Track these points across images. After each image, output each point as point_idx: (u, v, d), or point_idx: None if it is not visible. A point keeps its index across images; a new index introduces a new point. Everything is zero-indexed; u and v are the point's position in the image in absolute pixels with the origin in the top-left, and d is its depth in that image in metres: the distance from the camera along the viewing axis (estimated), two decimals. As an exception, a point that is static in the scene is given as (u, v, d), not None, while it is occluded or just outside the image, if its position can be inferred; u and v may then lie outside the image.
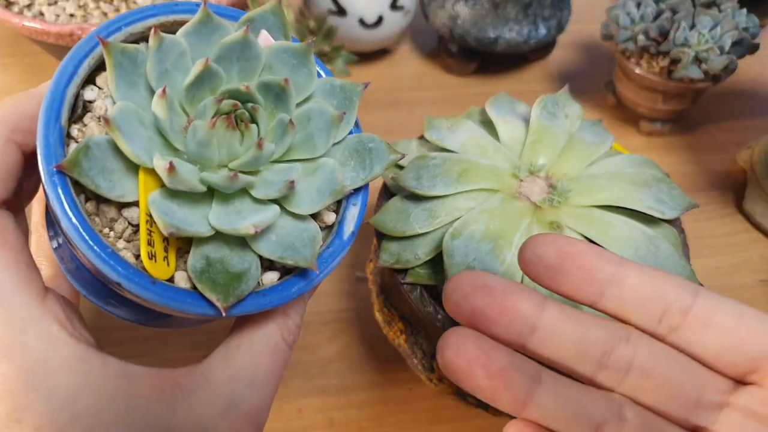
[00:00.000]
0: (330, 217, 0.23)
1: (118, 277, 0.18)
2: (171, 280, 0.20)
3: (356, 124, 0.24)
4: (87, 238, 0.18)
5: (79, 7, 0.53)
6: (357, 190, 0.24)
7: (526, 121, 0.36)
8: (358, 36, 0.63)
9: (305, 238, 0.21)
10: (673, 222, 0.33)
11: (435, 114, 0.37)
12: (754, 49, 0.53)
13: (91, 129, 0.20)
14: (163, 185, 0.20)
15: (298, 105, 0.23)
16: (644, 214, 0.31)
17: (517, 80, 0.68)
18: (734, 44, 0.52)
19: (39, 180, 0.20)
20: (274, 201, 0.21)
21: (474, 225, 0.30)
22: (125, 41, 0.21)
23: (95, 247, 0.18)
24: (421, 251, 0.30)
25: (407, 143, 0.36)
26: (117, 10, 0.53)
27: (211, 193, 0.21)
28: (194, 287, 0.20)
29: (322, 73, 0.24)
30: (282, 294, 0.21)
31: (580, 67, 0.71)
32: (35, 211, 0.25)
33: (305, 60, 0.22)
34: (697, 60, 0.52)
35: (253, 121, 0.21)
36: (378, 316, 0.37)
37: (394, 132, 0.61)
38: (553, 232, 0.30)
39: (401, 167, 0.33)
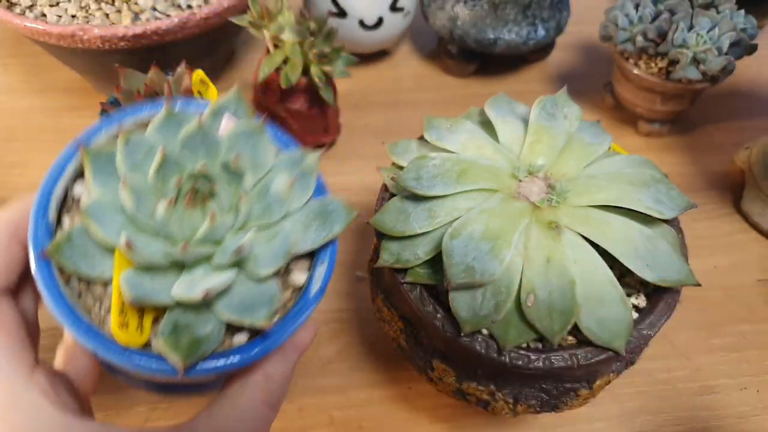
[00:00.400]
0: (301, 279, 0.25)
1: (93, 347, 0.21)
2: (148, 345, 0.22)
3: (322, 187, 0.26)
4: (66, 313, 0.21)
5: (81, 8, 0.53)
6: (325, 248, 0.25)
7: (525, 121, 0.36)
8: (359, 37, 0.63)
9: (263, 299, 0.23)
10: (672, 222, 0.33)
11: (435, 115, 0.37)
12: (752, 50, 0.53)
13: (77, 220, 0.23)
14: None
15: (263, 177, 0.25)
16: (643, 214, 0.31)
17: (516, 81, 0.69)
18: (732, 45, 0.52)
19: None
20: (235, 265, 0.23)
21: (473, 225, 0.30)
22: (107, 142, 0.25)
23: (71, 322, 0.21)
24: (421, 251, 0.31)
25: (407, 143, 0.36)
26: (118, 11, 0.53)
27: (180, 266, 0.23)
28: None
29: (284, 144, 0.27)
30: (244, 355, 0.22)
31: (579, 68, 0.71)
32: None
33: (261, 137, 0.25)
34: (696, 61, 0.52)
35: (213, 196, 0.24)
36: (378, 315, 0.37)
37: (394, 132, 0.61)
38: (552, 232, 0.30)
39: (401, 167, 0.33)
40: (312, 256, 0.25)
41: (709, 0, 0.54)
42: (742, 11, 0.53)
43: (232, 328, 0.23)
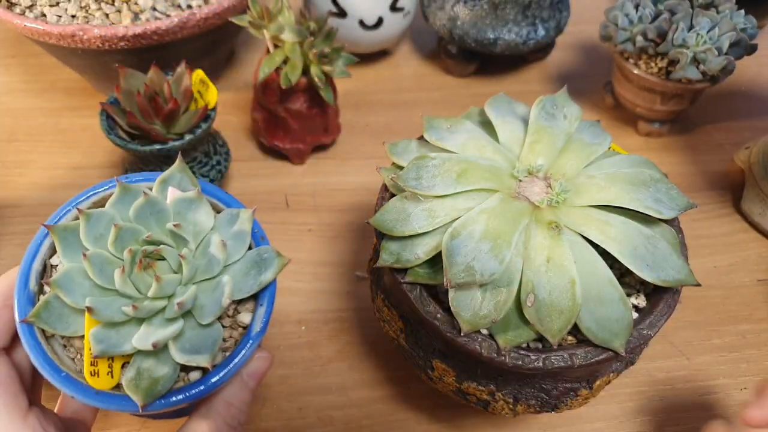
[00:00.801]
0: (246, 318, 0.28)
1: (71, 393, 0.25)
2: (119, 387, 0.26)
3: (262, 237, 0.30)
4: (47, 367, 0.25)
5: (81, 8, 0.53)
6: (264, 292, 0.29)
7: (525, 121, 0.36)
8: (359, 37, 0.63)
9: (209, 343, 0.26)
10: (671, 222, 0.33)
11: (434, 114, 0.37)
12: (752, 50, 0.53)
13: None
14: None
15: (205, 237, 0.29)
16: (642, 213, 0.31)
17: (516, 81, 0.69)
18: (732, 45, 0.52)
19: None
20: (184, 316, 0.27)
21: (473, 225, 0.30)
22: (76, 217, 0.29)
23: (53, 373, 0.25)
24: (421, 251, 0.31)
25: (407, 143, 0.36)
26: (118, 11, 0.53)
27: (141, 319, 0.27)
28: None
29: (224, 203, 0.31)
30: (197, 388, 0.26)
31: (579, 68, 0.71)
32: None
33: (200, 203, 0.29)
34: (695, 61, 0.52)
35: (163, 258, 0.28)
36: (377, 314, 0.37)
37: (394, 132, 0.61)
38: (552, 232, 0.30)
39: (401, 167, 0.33)
40: (256, 297, 0.29)
41: (709, 0, 0.54)
42: (742, 11, 0.53)
43: (187, 367, 0.27)
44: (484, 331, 0.29)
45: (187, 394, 0.26)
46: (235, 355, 0.27)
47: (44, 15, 0.52)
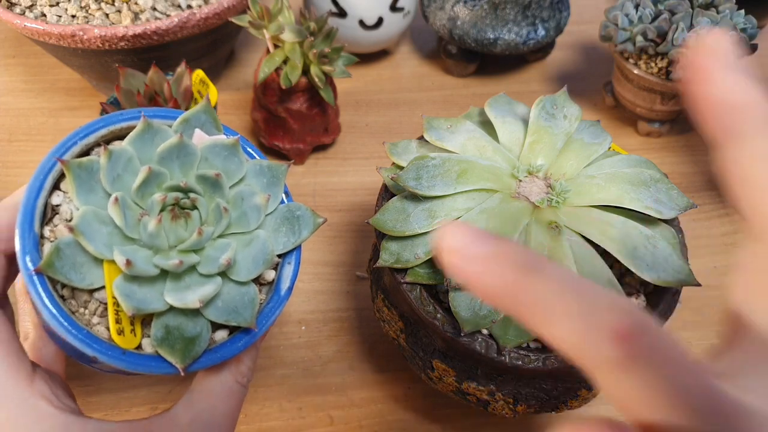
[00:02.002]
0: (270, 275, 0.27)
1: (94, 353, 0.22)
2: (139, 347, 0.24)
3: (287, 194, 0.28)
4: (66, 324, 0.22)
5: (81, 8, 0.53)
6: (292, 249, 0.27)
7: (525, 121, 0.36)
8: (359, 37, 0.63)
9: (246, 301, 0.25)
10: (672, 222, 0.33)
11: (434, 114, 0.37)
12: (752, 50, 0.53)
13: (60, 230, 0.24)
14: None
15: (233, 187, 0.27)
16: (642, 214, 0.31)
17: (516, 81, 0.69)
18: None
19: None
20: (218, 273, 0.25)
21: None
22: (83, 152, 0.25)
23: (73, 331, 0.22)
24: (421, 251, 0.31)
25: (407, 143, 0.36)
26: (118, 11, 0.53)
27: (166, 273, 0.24)
28: (158, 352, 0.23)
29: (255, 155, 0.29)
30: (230, 348, 0.25)
31: (579, 68, 0.71)
32: (19, 280, 0.27)
33: (234, 150, 0.27)
34: (695, 61, 0.52)
35: (195, 208, 0.25)
36: (377, 314, 0.37)
37: (394, 132, 0.61)
38: (552, 232, 0.30)
39: (401, 167, 0.33)
40: (281, 255, 0.27)
41: (709, 0, 0.54)
42: (742, 11, 0.53)
43: (213, 326, 0.25)
44: (484, 331, 0.29)
45: (220, 354, 0.24)
46: (270, 313, 0.26)
47: (44, 15, 0.52)
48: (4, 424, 0.22)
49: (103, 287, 0.24)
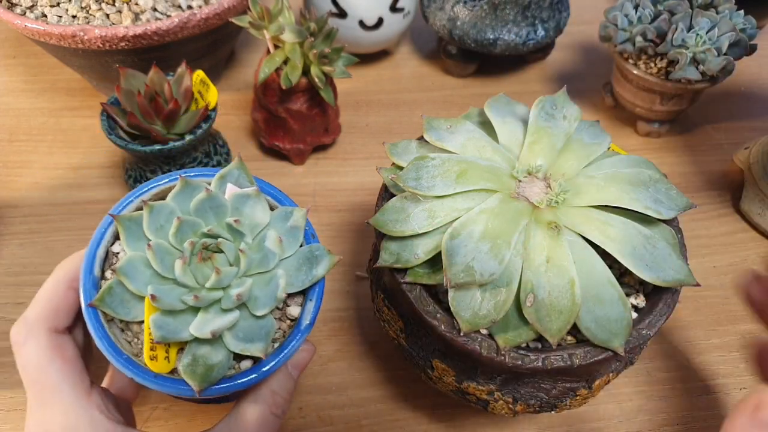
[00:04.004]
0: (296, 311, 0.30)
1: (131, 374, 0.26)
2: (174, 371, 0.27)
3: (313, 235, 0.31)
4: (109, 349, 0.27)
5: (82, 8, 0.53)
6: (314, 287, 0.30)
7: (525, 122, 0.36)
8: (359, 38, 0.63)
9: (262, 334, 0.28)
10: (671, 222, 0.33)
11: (434, 115, 0.37)
12: (751, 50, 0.53)
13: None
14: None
15: (261, 232, 0.30)
16: (642, 214, 0.31)
17: (515, 81, 0.69)
18: (732, 45, 0.52)
19: None
20: (239, 307, 0.28)
21: (473, 225, 0.30)
22: (138, 208, 0.30)
23: (115, 355, 0.26)
24: (421, 251, 0.31)
25: (407, 143, 0.36)
26: (119, 11, 0.53)
27: (197, 309, 0.28)
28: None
29: (287, 202, 0.32)
30: (248, 377, 0.27)
31: (578, 69, 0.71)
32: None
33: (258, 200, 0.30)
34: (695, 61, 0.52)
35: (221, 251, 0.29)
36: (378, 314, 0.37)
37: (394, 132, 0.61)
38: (551, 232, 0.30)
39: (401, 168, 0.33)
40: (305, 292, 0.30)
41: (708, 0, 0.54)
42: (742, 11, 0.53)
43: (239, 356, 0.28)
44: (484, 331, 0.29)
45: (240, 381, 0.27)
46: (285, 347, 0.28)
47: (45, 15, 0.52)
48: (66, 426, 0.26)
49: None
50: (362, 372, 0.43)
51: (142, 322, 0.27)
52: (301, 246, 0.31)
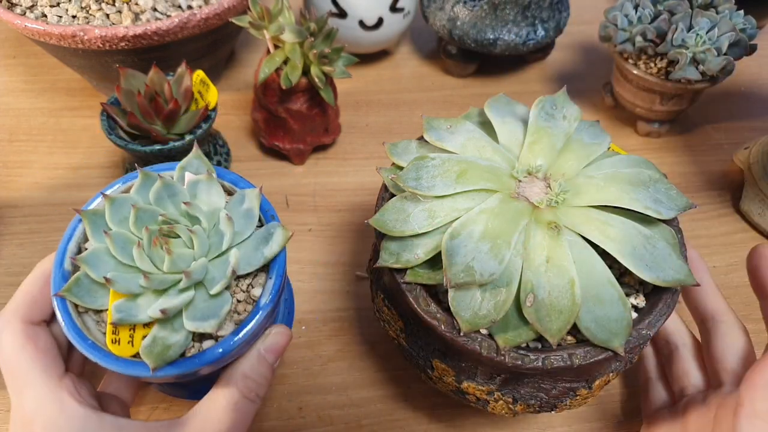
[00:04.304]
0: (258, 291, 0.30)
1: (95, 358, 0.27)
2: (137, 356, 0.27)
3: (273, 216, 0.32)
4: (75, 336, 0.28)
5: (82, 8, 0.53)
6: (274, 265, 0.30)
7: (525, 122, 0.36)
8: (359, 38, 0.63)
9: (215, 312, 0.28)
10: (671, 222, 0.33)
11: (434, 115, 0.37)
12: (751, 50, 0.53)
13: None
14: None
15: (214, 214, 0.31)
16: (642, 214, 0.31)
17: (515, 81, 0.69)
18: (731, 45, 0.52)
19: None
20: (195, 287, 0.29)
21: (473, 225, 0.30)
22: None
23: (80, 341, 0.27)
24: (421, 251, 0.31)
25: (407, 144, 0.36)
26: (119, 11, 0.53)
27: (160, 292, 0.29)
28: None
29: (236, 186, 0.33)
30: (205, 356, 0.28)
31: (578, 69, 0.71)
32: None
33: (211, 184, 0.31)
34: (695, 61, 0.52)
35: (176, 235, 0.30)
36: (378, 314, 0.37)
37: (394, 132, 0.61)
38: (551, 232, 0.30)
39: (401, 168, 0.33)
40: (267, 272, 0.31)
41: (708, 0, 0.54)
42: (742, 11, 0.53)
43: (202, 336, 0.29)
44: (484, 331, 0.29)
45: (196, 360, 0.27)
46: (244, 326, 0.28)
47: (45, 15, 0.52)
48: (36, 410, 0.27)
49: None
50: (362, 372, 0.43)
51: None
52: (261, 227, 0.31)
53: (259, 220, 0.32)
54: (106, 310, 0.29)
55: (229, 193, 0.33)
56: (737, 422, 0.29)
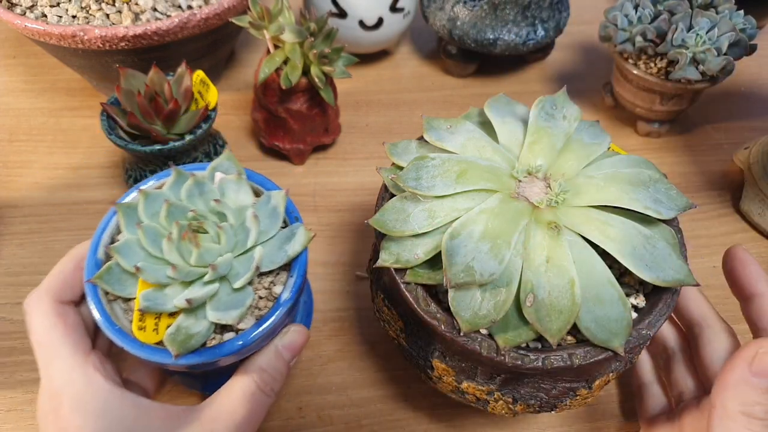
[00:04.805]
0: (279, 289, 0.31)
1: (121, 343, 0.29)
2: (161, 343, 0.29)
3: (296, 218, 0.34)
4: (105, 321, 0.29)
5: (82, 8, 0.53)
6: (295, 264, 0.32)
7: (525, 122, 0.36)
8: (359, 38, 0.63)
9: (237, 304, 0.29)
10: (671, 222, 0.33)
11: (434, 115, 0.37)
12: (751, 50, 0.53)
13: None
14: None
15: (241, 213, 0.32)
16: (642, 214, 0.31)
17: (515, 81, 0.69)
18: (731, 45, 0.52)
19: None
20: (220, 280, 0.30)
21: (473, 225, 0.30)
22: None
23: (108, 326, 0.29)
24: (421, 251, 0.31)
25: (407, 144, 0.36)
26: (119, 11, 0.53)
27: (186, 284, 0.30)
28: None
29: (274, 187, 0.35)
30: (226, 347, 0.29)
31: (578, 69, 0.71)
32: None
33: (241, 184, 0.33)
34: (695, 61, 0.52)
35: (205, 231, 0.31)
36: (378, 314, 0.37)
37: (394, 132, 0.61)
38: (551, 232, 0.30)
39: (401, 168, 0.33)
40: (289, 271, 0.32)
41: (708, 0, 0.54)
42: (742, 11, 0.53)
43: (224, 328, 0.30)
44: (484, 331, 0.29)
45: (217, 351, 0.29)
46: (264, 320, 0.30)
47: (45, 15, 0.52)
48: (64, 382, 0.28)
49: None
50: (362, 372, 0.43)
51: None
52: (285, 227, 0.33)
53: (284, 221, 0.34)
54: (134, 299, 0.30)
55: (256, 194, 0.35)
56: (711, 424, 0.29)
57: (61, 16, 0.52)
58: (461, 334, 0.29)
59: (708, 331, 0.35)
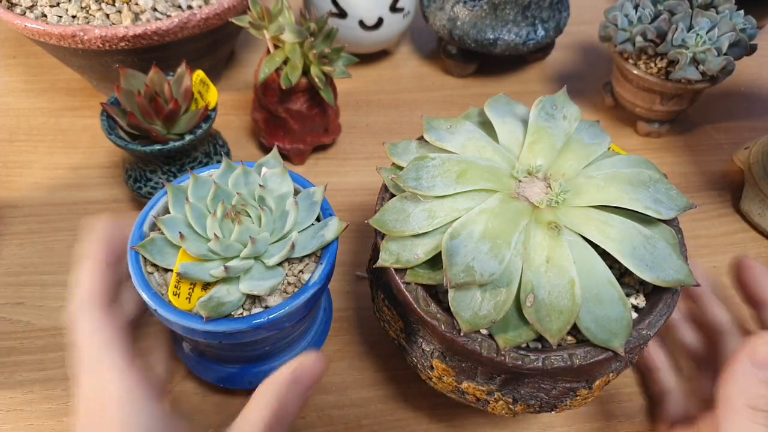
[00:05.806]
0: (307, 276, 0.34)
1: (154, 305, 0.31)
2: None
3: (331, 214, 0.36)
4: (142, 285, 0.32)
5: (81, 8, 0.53)
6: (325, 253, 0.34)
7: (525, 122, 0.36)
8: (359, 38, 0.63)
9: (268, 280, 0.32)
10: (671, 222, 0.33)
11: (434, 115, 0.37)
12: (751, 50, 0.53)
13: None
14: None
15: (282, 200, 0.36)
16: (642, 214, 0.31)
17: (515, 81, 0.69)
18: (732, 45, 0.52)
19: None
20: (255, 258, 0.33)
21: (473, 225, 0.30)
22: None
23: (146, 289, 0.32)
24: (421, 251, 0.31)
25: (407, 144, 0.36)
26: (119, 11, 0.53)
27: (224, 259, 0.33)
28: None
29: (309, 185, 0.38)
30: (253, 319, 0.31)
31: (578, 69, 0.71)
32: None
33: (284, 176, 0.37)
34: (695, 61, 0.52)
35: (247, 215, 0.34)
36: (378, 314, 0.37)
37: (394, 132, 0.61)
38: (552, 232, 0.30)
39: (401, 168, 0.33)
40: (319, 260, 0.34)
41: (708, 0, 0.54)
42: (742, 11, 0.53)
43: (253, 303, 0.33)
44: (484, 331, 0.29)
45: (244, 322, 0.31)
46: (292, 300, 0.32)
47: (45, 15, 0.52)
48: (109, 385, 0.29)
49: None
50: (362, 372, 0.43)
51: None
52: (319, 221, 0.36)
53: (318, 218, 0.36)
54: (172, 270, 0.32)
55: (295, 192, 0.37)
56: (718, 420, 0.29)
57: (61, 16, 0.52)
58: (461, 334, 0.29)
59: (725, 337, 0.35)
